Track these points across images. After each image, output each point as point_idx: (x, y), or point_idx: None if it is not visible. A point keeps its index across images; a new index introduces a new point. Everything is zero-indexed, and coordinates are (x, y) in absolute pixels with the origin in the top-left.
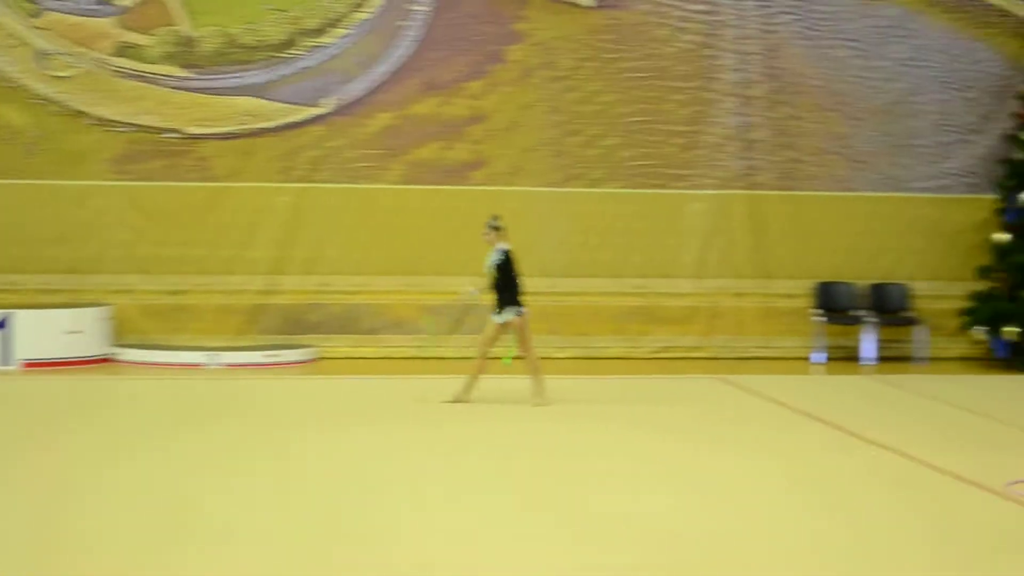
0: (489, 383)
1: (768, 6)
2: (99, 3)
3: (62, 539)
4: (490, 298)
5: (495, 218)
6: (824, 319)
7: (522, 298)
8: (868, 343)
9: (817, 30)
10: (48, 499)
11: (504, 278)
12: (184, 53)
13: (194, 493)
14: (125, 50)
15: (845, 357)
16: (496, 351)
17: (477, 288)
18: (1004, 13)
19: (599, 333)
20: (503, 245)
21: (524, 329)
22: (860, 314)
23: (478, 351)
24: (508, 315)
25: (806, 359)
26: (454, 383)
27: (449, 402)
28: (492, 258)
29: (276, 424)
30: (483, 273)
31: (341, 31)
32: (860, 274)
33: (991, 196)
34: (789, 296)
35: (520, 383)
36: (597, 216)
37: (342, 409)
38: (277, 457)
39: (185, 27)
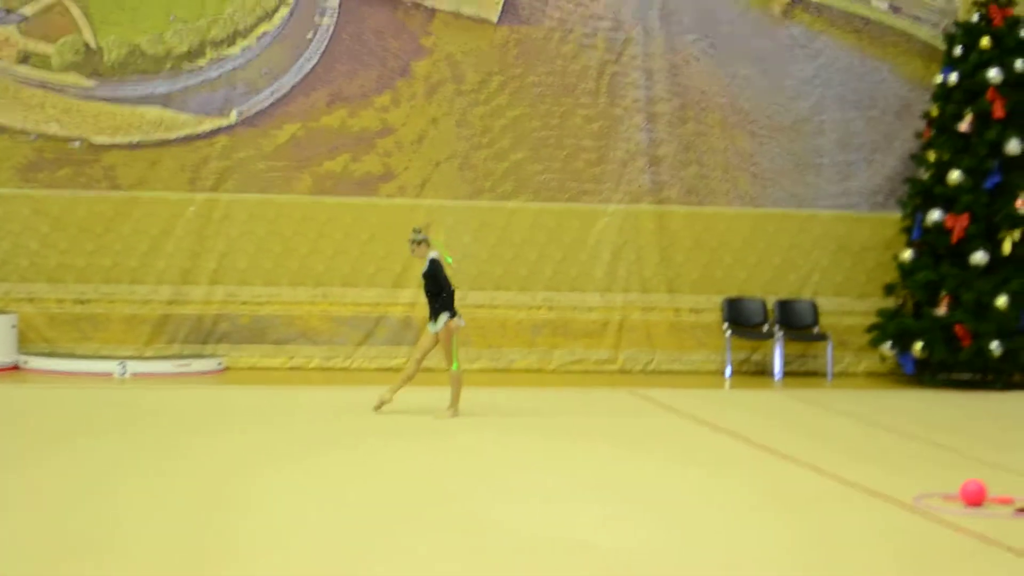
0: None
1: (673, 24)
2: (2, 11)
3: None
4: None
5: (416, 231)
6: (733, 334)
7: (454, 306)
8: (777, 358)
9: (722, 48)
10: None
11: (433, 286)
12: (88, 62)
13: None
14: (28, 58)
15: (753, 371)
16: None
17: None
18: (905, 34)
19: (509, 345)
20: (432, 254)
21: (449, 339)
22: (768, 329)
23: (411, 359)
24: (441, 323)
25: (716, 373)
26: (365, 394)
27: (376, 407)
28: (424, 269)
29: (185, 433)
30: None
31: (246, 42)
32: (767, 289)
33: (896, 214)
34: (697, 311)
35: (439, 393)
36: (507, 229)
37: (250, 417)
38: (173, 466)
39: (89, 36)
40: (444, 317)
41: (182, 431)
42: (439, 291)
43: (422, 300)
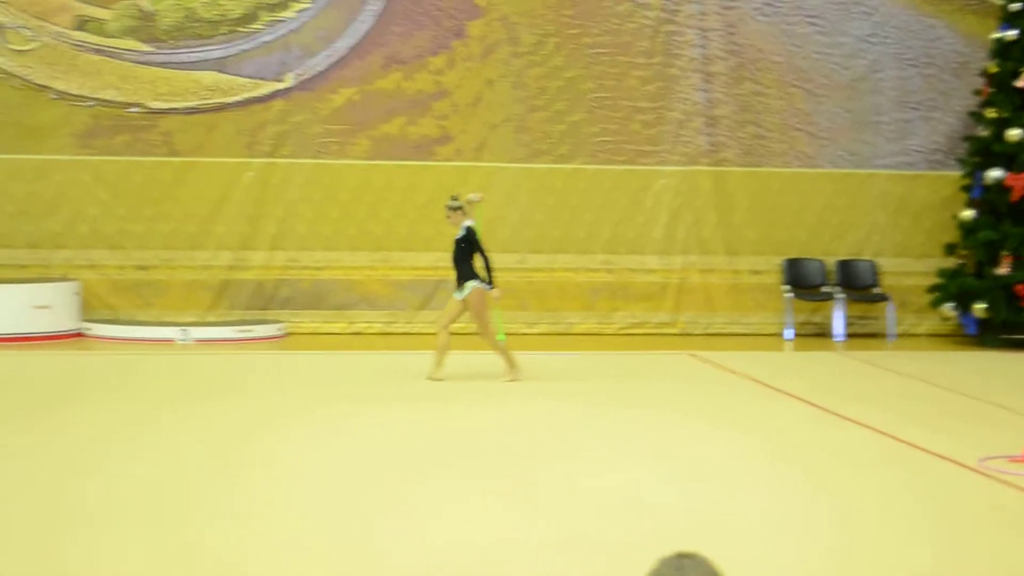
0: (473, 359)
1: None
2: None
3: (58, 518)
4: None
5: (453, 199)
6: (793, 295)
7: (485, 274)
8: (838, 319)
9: (778, 6)
10: (36, 478)
11: (463, 253)
12: (144, 27)
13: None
14: (84, 24)
15: (814, 333)
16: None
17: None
18: None
19: (568, 309)
20: (467, 222)
21: (479, 305)
22: (829, 290)
23: (439, 329)
24: (468, 290)
25: (776, 335)
26: (424, 359)
27: (431, 379)
28: (457, 235)
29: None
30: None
31: (302, 5)
32: (827, 250)
33: (956, 173)
34: (757, 272)
35: (492, 359)
36: (564, 192)
37: (319, 386)
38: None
39: (145, 1)
40: (471, 284)
41: (245, 395)
42: (467, 258)
43: (480, 264)
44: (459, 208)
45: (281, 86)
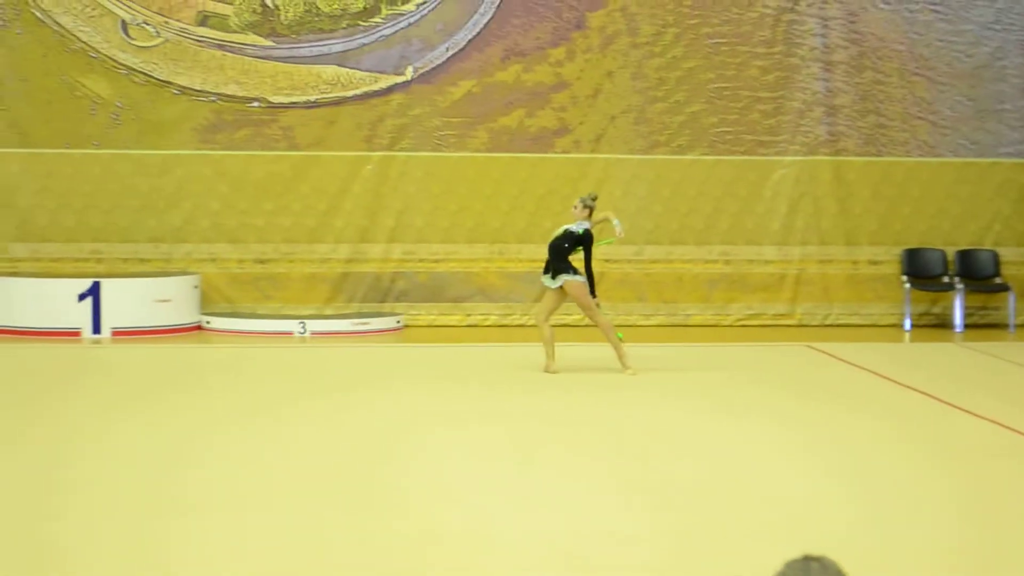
0: (590, 351)
1: None
2: None
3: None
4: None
5: (593, 198)
6: (912, 286)
7: (581, 270)
8: (957, 310)
9: None
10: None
11: (569, 248)
12: (265, 22)
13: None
14: (207, 19)
15: (934, 324)
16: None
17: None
18: None
19: (685, 300)
20: (585, 223)
21: (584, 297)
22: (949, 281)
23: (539, 322)
24: (560, 280)
25: (894, 326)
26: (540, 351)
27: (547, 372)
28: (574, 228)
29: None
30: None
31: None
32: (947, 240)
33: None
34: (876, 263)
35: (604, 351)
36: (682, 183)
37: (434, 376)
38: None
39: None
40: (566, 277)
41: (359, 388)
42: (568, 253)
43: (598, 255)
44: (591, 208)
45: (400, 79)
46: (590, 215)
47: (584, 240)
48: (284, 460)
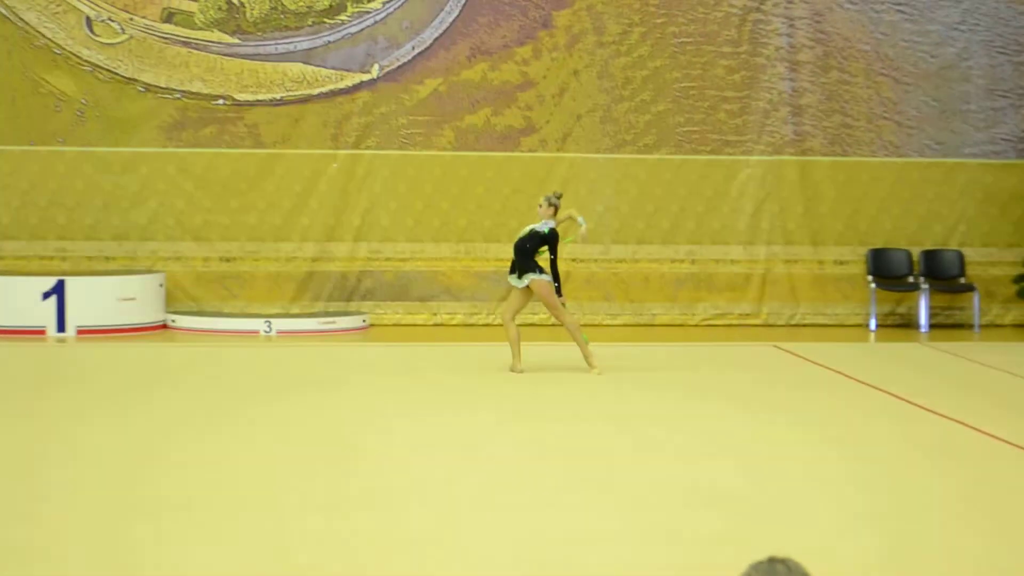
0: (556, 351)
1: None
2: None
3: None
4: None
5: (558, 196)
6: (877, 286)
7: (552, 277)
8: (923, 310)
9: None
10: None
11: (534, 247)
12: (231, 19)
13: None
14: (172, 16)
15: (899, 324)
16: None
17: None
18: None
19: (652, 300)
20: (551, 222)
21: (550, 296)
22: (914, 281)
23: (505, 321)
24: (527, 280)
25: (861, 326)
26: (507, 350)
27: (512, 371)
28: (539, 227)
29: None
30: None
31: None
32: (912, 240)
33: None
34: (841, 263)
35: (570, 350)
36: (648, 182)
37: (400, 376)
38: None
39: None
40: (532, 276)
41: (326, 387)
42: (534, 252)
43: (564, 255)
44: (555, 207)
45: (366, 77)
46: (555, 213)
47: (549, 239)
48: (251, 460)
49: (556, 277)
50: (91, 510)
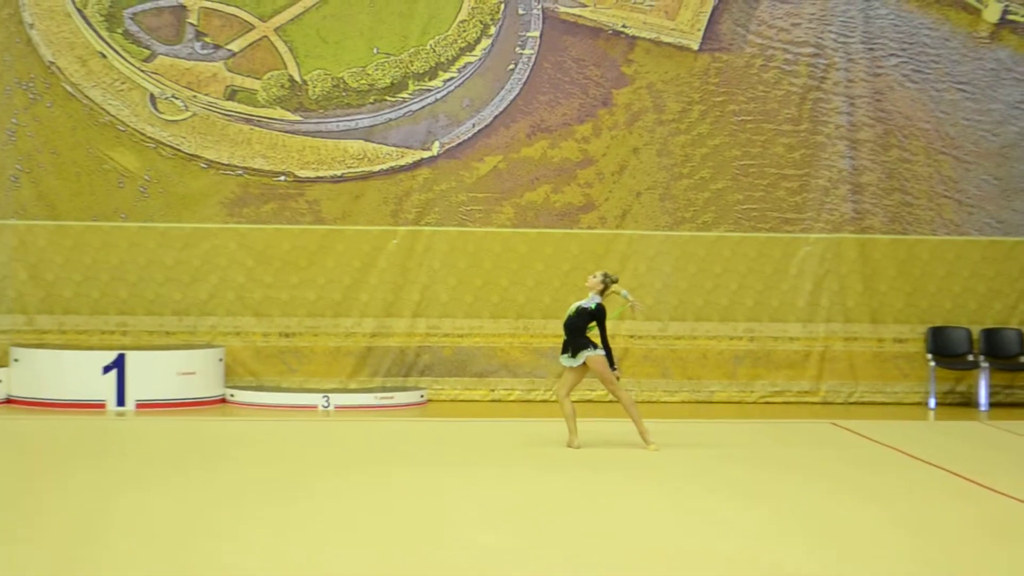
0: (612, 427)
1: (875, 48)
2: (209, 48)
3: None
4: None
5: (614, 280)
6: (937, 364)
7: (598, 345)
8: (982, 388)
9: (926, 72)
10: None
11: (584, 323)
12: (293, 97)
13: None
14: (235, 94)
15: (958, 402)
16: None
17: (628, 294)
18: None
19: (710, 377)
20: (597, 297)
21: (605, 371)
22: (974, 359)
23: (560, 398)
24: (582, 359)
25: (920, 404)
26: (563, 427)
27: (570, 447)
28: (585, 304)
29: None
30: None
31: (449, 74)
32: (972, 319)
33: None
34: (900, 341)
35: (624, 426)
36: (707, 259)
37: (457, 452)
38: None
39: (294, 70)
40: (587, 353)
41: (387, 463)
42: (584, 328)
43: (622, 331)
44: (607, 285)
45: (427, 154)
46: (603, 291)
47: (597, 314)
48: (308, 536)
49: (608, 350)
50: None
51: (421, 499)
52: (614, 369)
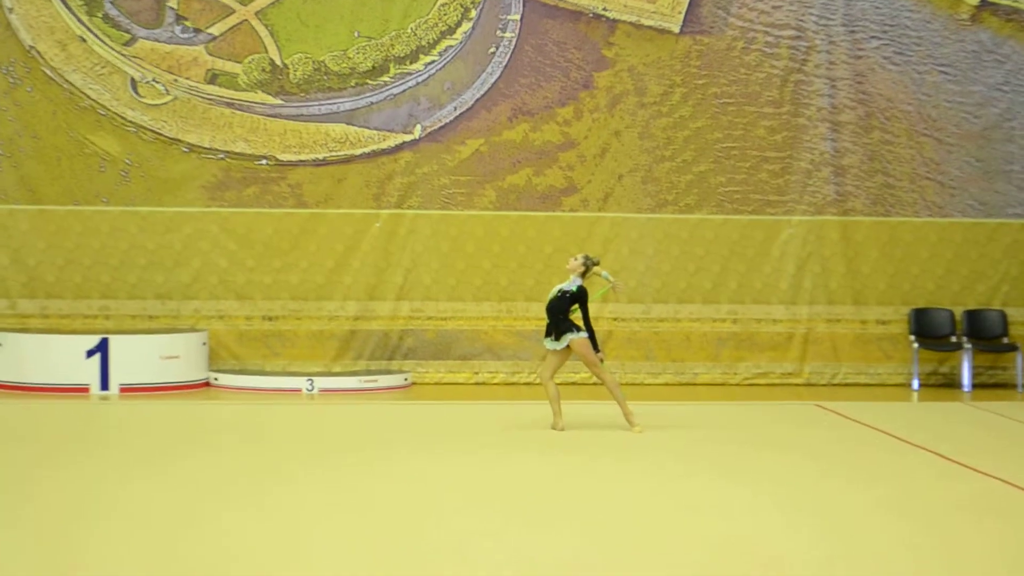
0: (597, 409)
1: (857, 31)
2: (190, 32)
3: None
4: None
5: (596, 262)
6: (920, 346)
7: (581, 328)
8: (965, 370)
9: (908, 54)
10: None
11: (566, 306)
12: (274, 80)
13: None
14: (216, 77)
15: (942, 383)
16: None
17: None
18: None
19: (693, 359)
20: (578, 280)
21: (589, 354)
22: (956, 340)
23: (544, 381)
24: (565, 341)
25: (903, 386)
26: (548, 409)
27: (553, 429)
28: (567, 286)
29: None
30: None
31: (430, 58)
32: (955, 300)
33: None
34: (884, 322)
35: (608, 408)
36: (690, 242)
37: (442, 435)
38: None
39: (275, 54)
40: (571, 336)
41: (371, 447)
42: (566, 311)
43: (606, 314)
44: (588, 268)
45: (409, 138)
46: (584, 273)
47: (579, 297)
48: (293, 521)
49: (591, 333)
50: (128, 570)
51: (406, 483)
52: (598, 351)
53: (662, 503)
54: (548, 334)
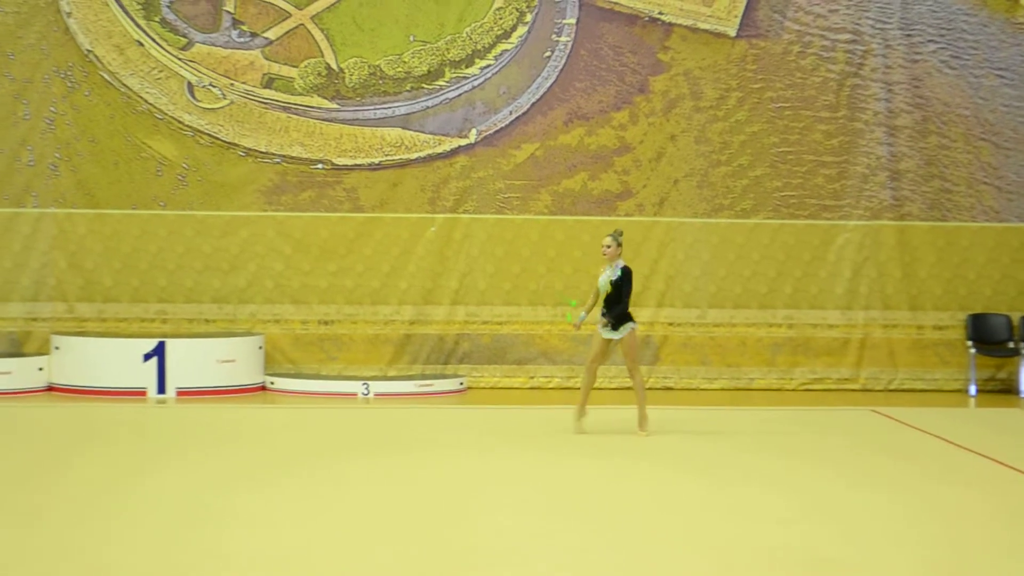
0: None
1: (913, 34)
2: (246, 36)
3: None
4: (602, 313)
5: (620, 233)
6: (977, 351)
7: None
8: (1023, 375)
9: (964, 58)
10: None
11: (620, 295)
12: (330, 84)
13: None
14: (272, 82)
15: (999, 389)
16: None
17: (584, 311)
18: None
19: (749, 364)
20: (622, 262)
21: (634, 347)
22: (1014, 346)
23: (588, 370)
24: (626, 330)
25: (959, 391)
26: (601, 414)
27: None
28: (610, 274)
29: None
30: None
31: (485, 62)
32: (1013, 305)
33: None
34: (940, 327)
35: (664, 413)
36: (746, 246)
37: (496, 438)
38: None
39: (330, 58)
40: (630, 325)
41: (425, 450)
42: (622, 300)
43: (661, 319)
44: (620, 243)
45: (464, 142)
46: (620, 251)
47: (624, 279)
48: (341, 520)
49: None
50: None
51: (459, 485)
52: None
53: (712, 509)
54: (606, 323)
